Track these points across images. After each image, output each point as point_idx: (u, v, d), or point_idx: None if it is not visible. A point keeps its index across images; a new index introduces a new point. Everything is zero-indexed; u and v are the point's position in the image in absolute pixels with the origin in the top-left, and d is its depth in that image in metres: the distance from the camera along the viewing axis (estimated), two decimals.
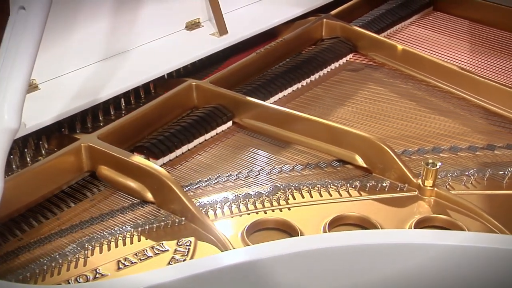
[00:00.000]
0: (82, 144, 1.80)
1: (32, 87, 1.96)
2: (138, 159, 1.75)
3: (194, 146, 1.98)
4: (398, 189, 1.78)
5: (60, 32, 2.00)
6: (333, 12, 2.60)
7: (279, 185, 1.78)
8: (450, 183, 1.81)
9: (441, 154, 1.93)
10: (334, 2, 2.69)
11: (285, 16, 2.51)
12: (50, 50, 1.99)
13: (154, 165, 1.72)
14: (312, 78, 2.33)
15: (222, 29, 2.34)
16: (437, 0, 2.84)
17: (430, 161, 1.74)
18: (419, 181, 1.76)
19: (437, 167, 1.73)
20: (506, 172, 1.84)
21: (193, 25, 2.39)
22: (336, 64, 2.43)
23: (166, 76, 2.23)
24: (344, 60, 2.46)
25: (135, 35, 2.23)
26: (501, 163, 1.90)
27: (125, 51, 2.20)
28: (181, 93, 2.09)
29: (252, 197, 1.74)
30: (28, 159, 1.87)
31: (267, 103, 2.04)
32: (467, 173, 1.84)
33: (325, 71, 2.38)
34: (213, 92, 2.08)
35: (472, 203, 1.70)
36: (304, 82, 2.30)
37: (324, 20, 2.54)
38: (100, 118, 2.06)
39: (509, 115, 2.11)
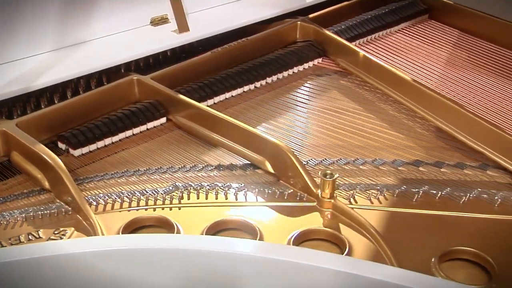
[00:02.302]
0: None
1: None
2: (40, 148, 1.77)
3: (120, 140, 1.99)
4: (298, 198, 1.73)
5: (6, 19, 2.06)
6: (311, 15, 2.54)
7: (179, 185, 1.77)
8: (356, 196, 1.73)
9: (361, 166, 1.85)
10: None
11: (255, 16, 2.48)
12: None
13: (52, 155, 1.74)
14: (269, 80, 2.29)
15: (182, 26, 2.33)
16: (433, 9, 2.72)
17: (328, 171, 1.67)
18: (319, 191, 1.70)
19: (334, 178, 1.66)
20: (419, 190, 1.74)
21: (159, 21, 2.40)
22: (300, 68, 2.37)
23: (122, 70, 2.26)
24: (310, 64, 2.40)
25: (93, 27, 2.26)
26: (420, 180, 1.79)
27: (80, 43, 2.24)
28: (121, 86, 2.10)
29: (147, 194, 1.73)
30: None
31: (196, 103, 2.01)
32: (378, 187, 1.75)
33: (285, 73, 2.33)
34: (151, 87, 2.09)
35: (366, 220, 1.62)
36: (258, 84, 2.26)
37: (299, 22, 2.49)
38: (42, 107, 2.11)
39: (455, 133, 1.99)
